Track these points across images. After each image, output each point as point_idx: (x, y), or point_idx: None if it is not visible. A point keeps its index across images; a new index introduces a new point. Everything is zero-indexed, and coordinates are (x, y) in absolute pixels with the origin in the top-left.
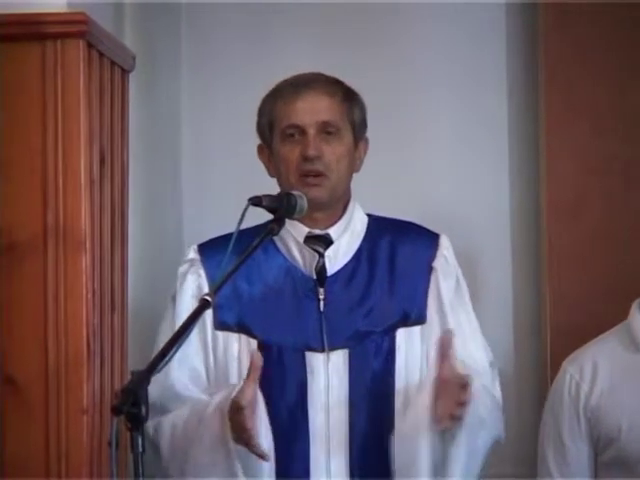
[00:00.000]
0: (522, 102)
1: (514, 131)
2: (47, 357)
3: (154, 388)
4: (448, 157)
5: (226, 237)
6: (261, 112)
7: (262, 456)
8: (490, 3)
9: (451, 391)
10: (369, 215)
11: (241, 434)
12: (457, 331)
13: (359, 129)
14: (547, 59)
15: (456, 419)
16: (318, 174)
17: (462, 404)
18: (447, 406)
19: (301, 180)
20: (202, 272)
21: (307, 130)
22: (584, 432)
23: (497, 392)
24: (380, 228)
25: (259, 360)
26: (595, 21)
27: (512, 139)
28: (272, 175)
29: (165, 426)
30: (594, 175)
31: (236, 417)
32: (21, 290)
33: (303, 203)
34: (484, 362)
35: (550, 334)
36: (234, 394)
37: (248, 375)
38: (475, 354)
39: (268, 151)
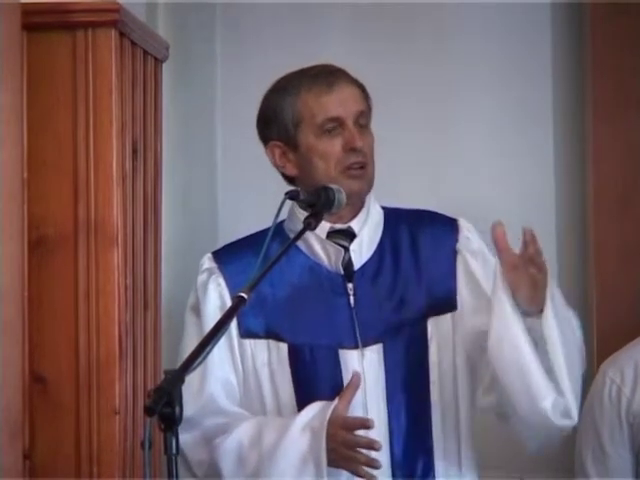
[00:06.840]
0: (568, 91)
1: (560, 122)
2: (78, 356)
3: (188, 402)
4: (491, 149)
5: (241, 242)
6: (277, 109)
7: (372, 444)
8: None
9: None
10: (383, 207)
11: (352, 444)
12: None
13: (370, 121)
14: (594, 48)
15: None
16: (362, 165)
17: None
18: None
19: (344, 173)
20: (221, 281)
21: (346, 121)
22: (626, 439)
23: None
24: (397, 218)
25: (358, 380)
26: None
27: (557, 130)
28: (290, 174)
29: (229, 444)
30: None
31: (343, 429)
32: (51, 286)
33: (342, 197)
34: None
35: (597, 333)
36: (330, 413)
37: (343, 393)
38: None
39: (286, 148)
